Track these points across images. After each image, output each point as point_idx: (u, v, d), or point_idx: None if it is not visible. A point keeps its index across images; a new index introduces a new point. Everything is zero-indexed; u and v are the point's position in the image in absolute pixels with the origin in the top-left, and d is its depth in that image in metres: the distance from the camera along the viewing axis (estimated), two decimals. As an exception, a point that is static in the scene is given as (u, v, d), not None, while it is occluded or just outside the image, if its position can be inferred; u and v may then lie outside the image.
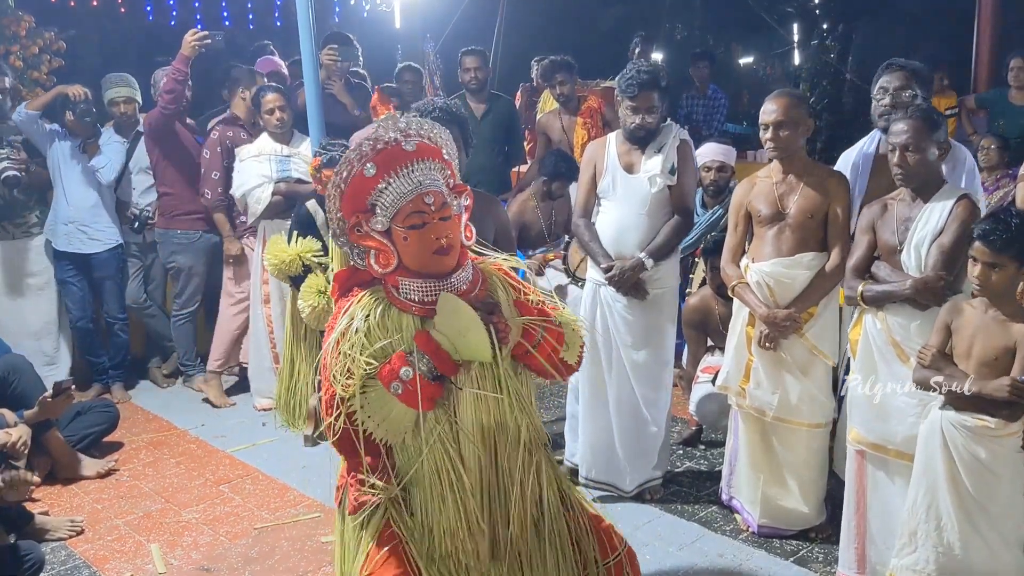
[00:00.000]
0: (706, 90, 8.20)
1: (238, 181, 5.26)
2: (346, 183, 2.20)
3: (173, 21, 9.48)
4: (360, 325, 2.18)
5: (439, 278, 2.25)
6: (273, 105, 5.22)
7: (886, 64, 3.68)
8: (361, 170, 2.18)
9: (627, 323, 4.01)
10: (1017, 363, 2.82)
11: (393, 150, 2.18)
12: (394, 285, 2.25)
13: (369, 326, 2.19)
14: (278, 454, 4.80)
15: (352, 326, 2.18)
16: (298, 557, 3.74)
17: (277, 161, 5.24)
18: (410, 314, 2.23)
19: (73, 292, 5.52)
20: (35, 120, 5.32)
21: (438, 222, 2.20)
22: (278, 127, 5.25)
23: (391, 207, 2.19)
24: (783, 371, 3.64)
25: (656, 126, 3.92)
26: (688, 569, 3.58)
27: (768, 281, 3.60)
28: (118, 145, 5.58)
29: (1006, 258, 2.81)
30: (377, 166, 2.17)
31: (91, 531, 4.00)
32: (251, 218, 5.28)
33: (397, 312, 2.23)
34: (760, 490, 3.76)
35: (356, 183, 2.19)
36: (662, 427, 4.12)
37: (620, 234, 3.98)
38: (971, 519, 2.90)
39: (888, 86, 3.61)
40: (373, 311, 2.21)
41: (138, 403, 5.64)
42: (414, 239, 2.20)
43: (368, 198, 2.20)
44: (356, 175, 2.19)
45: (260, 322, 5.40)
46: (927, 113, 3.17)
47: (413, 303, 2.23)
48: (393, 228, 2.21)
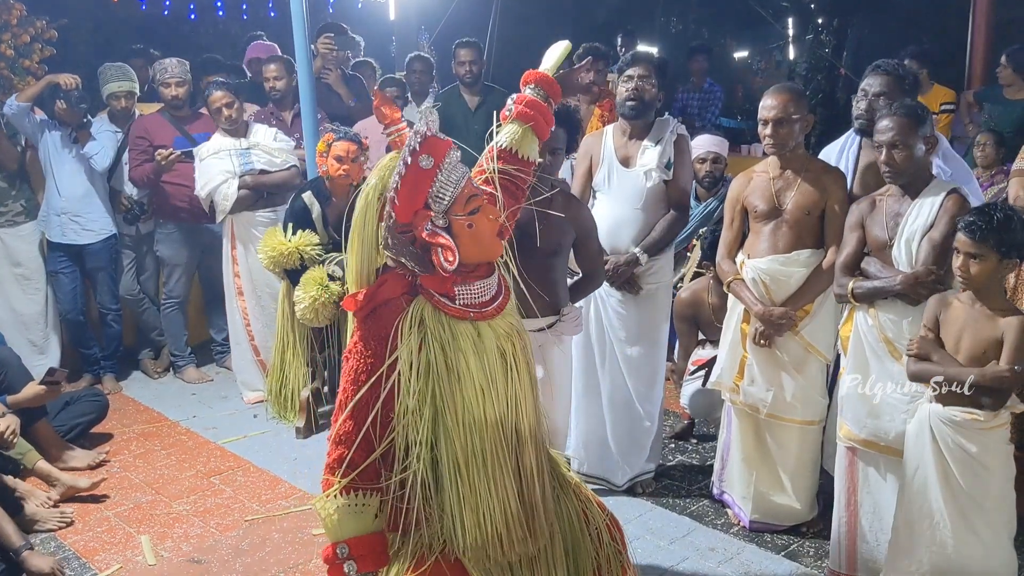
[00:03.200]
0: (702, 84, 8.19)
1: (201, 181, 5.20)
2: (401, 183, 2.09)
3: (166, 11, 9.44)
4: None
5: (484, 278, 2.22)
6: (220, 104, 5.17)
7: (873, 66, 3.65)
8: (416, 164, 2.08)
9: (621, 318, 4.01)
10: (1005, 352, 2.83)
11: (433, 140, 2.12)
12: (446, 294, 2.18)
13: (443, 342, 2.15)
14: (269, 446, 4.79)
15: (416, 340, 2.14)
16: (289, 549, 3.73)
17: (238, 155, 5.21)
18: (468, 321, 2.18)
19: (63, 284, 5.49)
20: (26, 112, 5.28)
21: (487, 203, 2.19)
22: (228, 124, 5.21)
23: (449, 197, 2.12)
24: (778, 368, 3.63)
25: (651, 100, 3.90)
26: (679, 563, 3.58)
27: (764, 278, 3.59)
28: (110, 133, 5.55)
29: (987, 248, 2.82)
30: (432, 157, 2.10)
31: (81, 522, 3.99)
32: (220, 215, 5.24)
33: (449, 320, 2.17)
34: (752, 486, 3.76)
35: (414, 179, 2.09)
36: (655, 421, 4.12)
37: (615, 228, 3.97)
38: (964, 515, 2.91)
39: (868, 89, 3.59)
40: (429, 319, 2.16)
41: (129, 394, 5.62)
42: (478, 223, 2.15)
43: (427, 193, 2.11)
44: (412, 171, 2.08)
45: (236, 315, 5.39)
46: (912, 109, 3.15)
47: (471, 308, 2.19)
48: (453, 220, 2.13)
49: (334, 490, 2.19)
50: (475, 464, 2.16)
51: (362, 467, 2.18)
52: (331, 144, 4.68)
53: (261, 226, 5.21)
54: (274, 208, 5.34)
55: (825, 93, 10.45)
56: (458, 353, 2.15)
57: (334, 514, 2.19)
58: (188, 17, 9.89)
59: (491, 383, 2.16)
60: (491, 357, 2.18)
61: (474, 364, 2.16)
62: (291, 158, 5.34)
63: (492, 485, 2.17)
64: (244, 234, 5.27)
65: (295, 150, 5.47)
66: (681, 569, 3.54)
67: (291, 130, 5.68)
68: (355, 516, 2.19)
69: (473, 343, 2.17)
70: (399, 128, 2.29)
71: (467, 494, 2.16)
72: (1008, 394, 2.85)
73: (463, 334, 2.17)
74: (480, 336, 2.19)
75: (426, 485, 2.17)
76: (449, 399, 2.14)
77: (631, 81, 3.88)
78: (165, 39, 5.99)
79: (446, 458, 2.16)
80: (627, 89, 3.89)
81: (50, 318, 5.61)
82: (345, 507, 2.18)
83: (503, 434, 2.18)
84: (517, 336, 2.27)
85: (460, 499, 2.16)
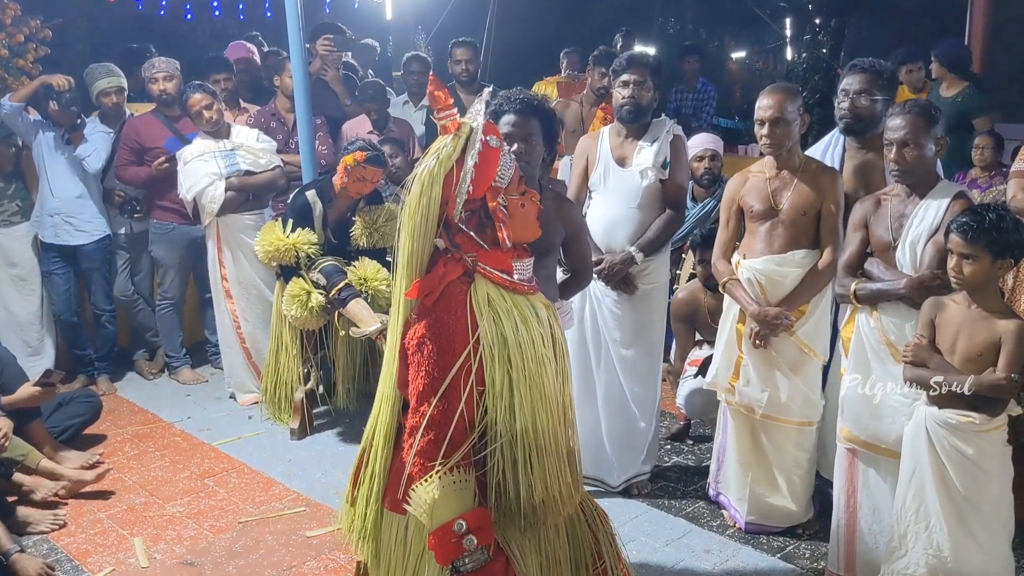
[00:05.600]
0: (695, 83, 8.18)
1: (187, 184, 5.17)
2: (479, 159, 2.21)
3: (163, 11, 9.42)
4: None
5: (529, 256, 2.38)
6: (199, 106, 5.12)
7: (850, 65, 3.66)
8: (486, 143, 2.21)
9: (616, 318, 3.99)
10: (1002, 359, 2.80)
11: (491, 124, 2.26)
12: (505, 270, 2.29)
13: (511, 316, 2.25)
14: (264, 448, 4.77)
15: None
16: (283, 551, 3.71)
17: (223, 156, 5.18)
18: (525, 296, 2.31)
19: (57, 285, 5.47)
20: (19, 112, 5.26)
21: (529, 188, 2.34)
22: (209, 126, 5.17)
23: (508, 176, 2.27)
24: (773, 369, 3.61)
25: (648, 104, 3.90)
26: (675, 564, 3.56)
27: (759, 278, 3.58)
28: (103, 134, 5.53)
29: (979, 249, 2.80)
30: (497, 138, 2.24)
31: (74, 524, 3.96)
32: (207, 218, 5.21)
33: (510, 295, 2.28)
34: (748, 487, 3.74)
35: (488, 157, 2.21)
36: (651, 423, 4.11)
37: (610, 228, 3.96)
38: (961, 518, 2.89)
39: (849, 88, 3.59)
40: (493, 296, 2.26)
41: (124, 395, 5.59)
42: (527, 203, 2.31)
43: (496, 171, 2.24)
44: (485, 150, 2.21)
45: (226, 318, 5.36)
46: (925, 108, 3.12)
47: (526, 283, 2.33)
48: (509, 200, 2.28)
49: (441, 471, 2.21)
50: (545, 429, 2.26)
51: (466, 446, 2.24)
52: (360, 163, 4.53)
53: (247, 228, 5.20)
54: (260, 210, 5.32)
55: (823, 93, 10.44)
56: (524, 325, 2.25)
57: (438, 496, 2.20)
58: (184, 17, 9.87)
59: (552, 354, 2.30)
60: (546, 329, 2.31)
61: (537, 336, 2.27)
62: (275, 159, 5.32)
63: (556, 447, 2.30)
64: (230, 236, 5.24)
65: (291, 152, 5.46)
66: (676, 571, 3.52)
67: (292, 132, 5.65)
68: (460, 493, 2.22)
69: (535, 316, 2.29)
70: (451, 113, 2.32)
71: (535, 459, 2.25)
72: (1006, 400, 2.84)
73: (525, 307, 2.29)
74: (536, 310, 2.32)
75: (506, 457, 2.26)
76: (521, 370, 2.23)
77: (627, 88, 3.88)
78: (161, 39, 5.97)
79: (521, 426, 2.24)
80: (623, 96, 3.88)
81: (45, 319, 5.59)
82: (451, 486, 2.21)
83: (561, 400, 2.33)
84: (555, 314, 2.41)
85: (528, 463, 2.25)
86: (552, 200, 3.33)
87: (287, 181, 5.37)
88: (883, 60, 3.71)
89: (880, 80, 3.57)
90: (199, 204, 5.18)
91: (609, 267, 3.89)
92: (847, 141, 3.71)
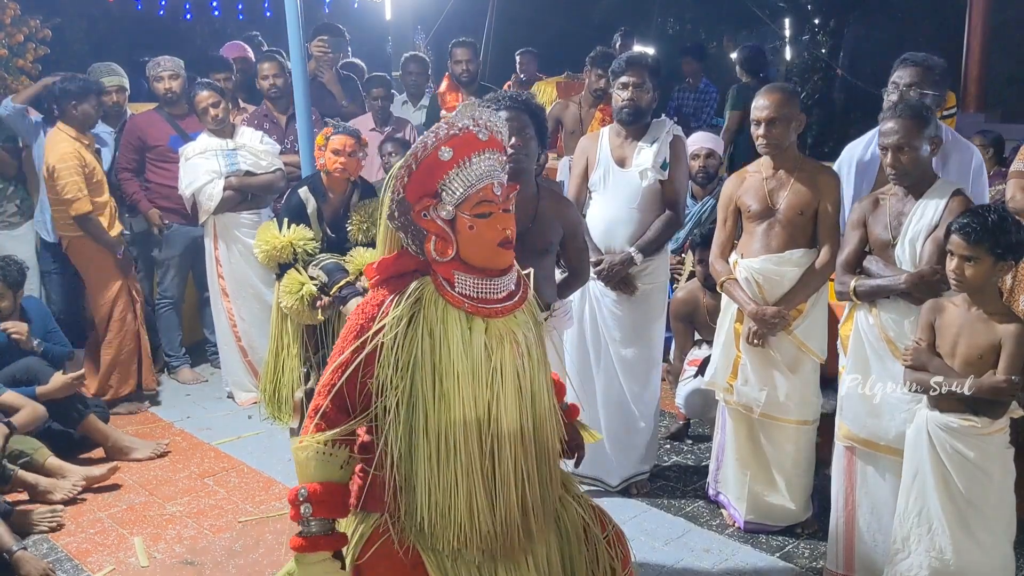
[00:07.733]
0: (698, 84, 8.19)
1: (187, 180, 5.19)
2: (418, 164, 2.16)
3: (162, 11, 9.42)
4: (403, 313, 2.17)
5: (494, 276, 2.22)
6: (206, 104, 5.15)
7: (901, 59, 3.61)
8: (436, 153, 2.14)
9: (616, 318, 4.00)
10: (1003, 362, 2.80)
11: (467, 136, 2.15)
12: (447, 279, 2.20)
13: (414, 315, 2.18)
14: (263, 447, 4.78)
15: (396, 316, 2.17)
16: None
17: (224, 155, 5.19)
18: (461, 310, 2.20)
19: (56, 283, 5.47)
20: (21, 114, 5.27)
21: (503, 213, 2.20)
22: (215, 124, 5.19)
23: (460, 194, 2.16)
24: (771, 368, 3.62)
25: (647, 106, 3.91)
26: (674, 564, 3.57)
27: (757, 277, 3.59)
28: (105, 134, 5.53)
29: (981, 250, 2.80)
30: (453, 150, 2.14)
31: (74, 524, 3.97)
32: (204, 215, 5.23)
33: (444, 305, 2.20)
34: (747, 486, 3.75)
35: (429, 165, 2.15)
36: (650, 422, 4.11)
37: (610, 228, 3.96)
38: (963, 521, 2.89)
39: (900, 82, 3.55)
40: (427, 298, 2.19)
41: (123, 395, 5.59)
42: (481, 228, 2.17)
43: (438, 183, 2.16)
44: (430, 157, 2.15)
45: (222, 317, 5.37)
46: (916, 110, 3.13)
47: (467, 299, 2.20)
48: (458, 216, 2.17)
49: (311, 437, 2.22)
50: (444, 451, 2.18)
51: (344, 428, 2.22)
52: (329, 137, 4.65)
53: (244, 227, 5.21)
54: (258, 210, 5.33)
55: (822, 94, 10.47)
56: (444, 339, 2.17)
57: (302, 457, 2.23)
58: (183, 17, 9.88)
59: (474, 379, 2.17)
60: (476, 353, 2.18)
61: (456, 355, 2.17)
62: (276, 161, 5.33)
63: (460, 474, 2.18)
64: (227, 235, 5.25)
65: (290, 153, 5.46)
66: (676, 570, 3.53)
67: (286, 132, 5.67)
68: (322, 463, 2.22)
69: (461, 334, 2.19)
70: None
71: (431, 477, 2.18)
72: (1007, 403, 2.84)
73: (453, 322, 2.19)
74: (471, 330, 2.20)
75: (396, 466, 2.19)
76: (428, 382, 2.17)
77: (626, 90, 3.88)
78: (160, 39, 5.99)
79: (420, 439, 2.18)
80: (623, 98, 3.89)
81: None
82: (317, 453, 2.22)
83: (478, 431, 2.19)
84: (514, 343, 2.25)
85: (426, 478, 2.18)
86: (549, 199, 3.35)
87: (287, 184, 5.39)
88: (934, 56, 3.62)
89: (932, 75, 3.52)
90: (197, 201, 5.19)
91: (608, 267, 3.89)
92: None
